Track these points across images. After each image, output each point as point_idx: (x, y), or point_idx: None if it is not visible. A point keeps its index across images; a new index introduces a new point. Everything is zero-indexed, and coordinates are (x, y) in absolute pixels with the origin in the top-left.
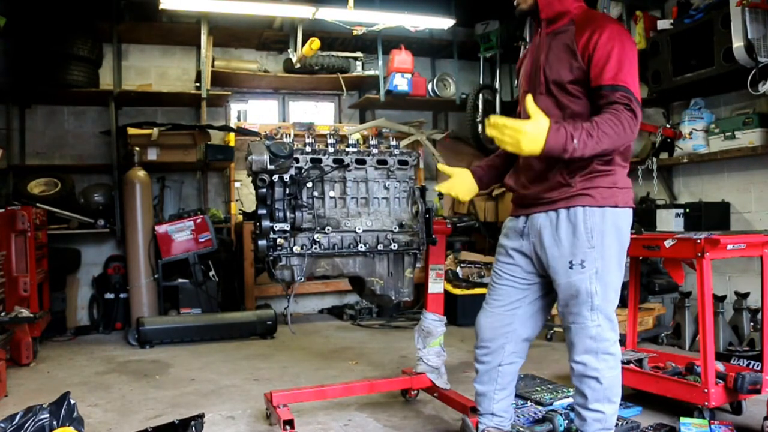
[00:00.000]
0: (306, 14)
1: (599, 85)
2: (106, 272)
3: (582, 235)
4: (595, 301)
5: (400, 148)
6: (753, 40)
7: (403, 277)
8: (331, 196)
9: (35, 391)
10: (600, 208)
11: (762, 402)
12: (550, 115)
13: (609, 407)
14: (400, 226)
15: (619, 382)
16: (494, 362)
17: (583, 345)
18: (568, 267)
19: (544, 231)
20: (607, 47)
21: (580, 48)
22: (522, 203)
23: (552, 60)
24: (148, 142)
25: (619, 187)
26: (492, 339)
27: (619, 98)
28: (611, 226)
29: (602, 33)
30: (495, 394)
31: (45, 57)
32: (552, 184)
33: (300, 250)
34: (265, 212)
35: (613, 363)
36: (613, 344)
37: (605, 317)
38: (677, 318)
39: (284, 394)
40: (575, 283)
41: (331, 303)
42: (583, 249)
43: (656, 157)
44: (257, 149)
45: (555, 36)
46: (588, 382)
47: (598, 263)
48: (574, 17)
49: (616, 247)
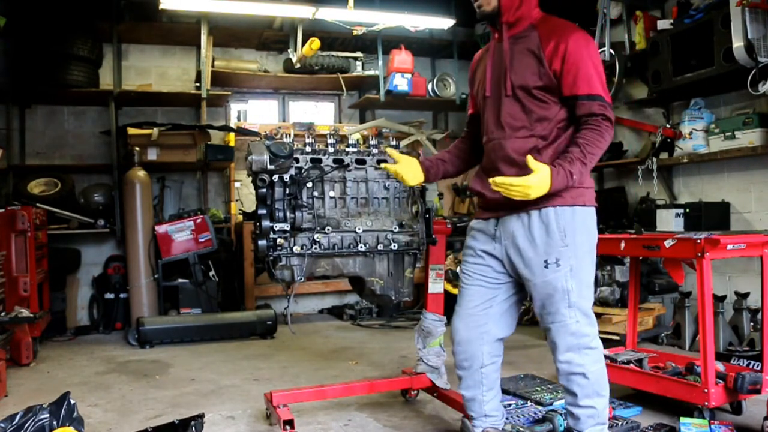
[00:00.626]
0: (306, 14)
1: (574, 95)
2: (106, 272)
3: (555, 234)
4: (571, 298)
5: (400, 148)
6: (753, 40)
7: (403, 277)
8: (331, 196)
9: (35, 391)
10: (570, 207)
11: (762, 402)
12: (517, 123)
13: (599, 401)
14: (400, 226)
15: (605, 375)
16: (475, 365)
17: (565, 343)
18: (544, 266)
19: (517, 233)
20: (577, 57)
21: (548, 56)
22: (491, 206)
23: (517, 65)
24: (148, 142)
25: (585, 186)
26: (468, 341)
27: (597, 109)
28: (581, 223)
29: (569, 42)
30: (483, 395)
31: (45, 57)
32: None
33: (300, 250)
34: (265, 212)
35: (596, 357)
36: (594, 339)
37: (582, 313)
38: (677, 318)
39: (284, 394)
40: (551, 281)
41: (331, 303)
42: (557, 248)
43: (656, 157)
44: (257, 149)
45: (517, 41)
46: (575, 379)
47: (572, 261)
48: (535, 22)
49: (587, 244)
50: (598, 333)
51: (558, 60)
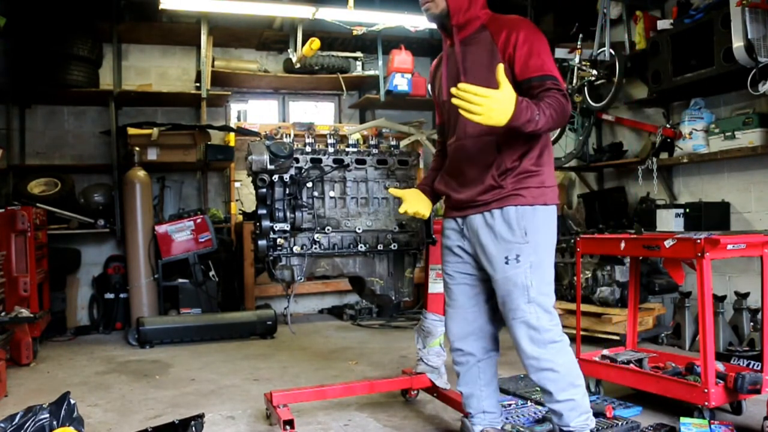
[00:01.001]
0: (306, 14)
1: (528, 78)
2: (106, 272)
3: (516, 232)
4: (531, 294)
5: (400, 148)
6: (753, 40)
7: (403, 277)
8: (331, 196)
9: (35, 391)
10: (531, 207)
11: (762, 402)
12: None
13: (576, 391)
14: (400, 226)
15: (575, 365)
16: (472, 361)
17: (529, 339)
18: (504, 263)
19: (481, 231)
20: (528, 42)
21: (501, 47)
22: (456, 206)
23: (472, 66)
24: (148, 142)
25: (547, 186)
26: (463, 339)
27: (551, 85)
28: (542, 222)
29: (519, 31)
30: (481, 391)
31: (45, 57)
32: (485, 187)
33: (300, 250)
34: (265, 212)
35: (561, 348)
36: (557, 333)
37: (543, 309)
38: (677, 318)
39: (284, 394)
40: (511, 277)
41: (331, 303)
42: (518, 244)
43: (656, 157)
44: (257, 149)
45: (469, 43)
46: (546, 374)
47: (533, 257)
48: (485, 22)
49: (548, 242)
50: (561, 328)
51: (510, 47)
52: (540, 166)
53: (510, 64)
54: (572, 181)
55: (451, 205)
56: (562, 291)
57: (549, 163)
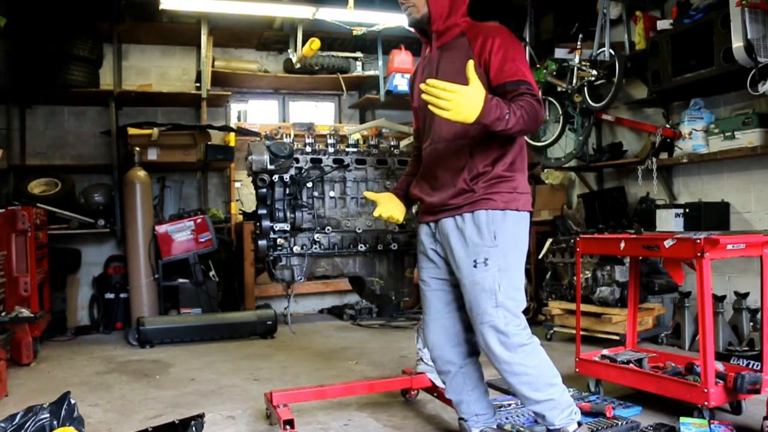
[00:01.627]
0: (306, 14)
1: (503, 83)
2: (106, 272)
3: (486, 235)
4: (498, 298)
5: (400, 148)
6: (753, 41)
7: (403, 277)
8: (331, 196)
9: (35, 391)
10: (502, 211)
11: (762, 402)
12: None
13: (553, 390)
14: (400, 226)
15: (548, 364)
16: (454, 369)
17: (498, 343)
18: (473, 266)
19: (451, 234)
20: (503, 49)
21: (477, 53)
22: (429, 210)
23: (448, 71)
24: (148, 142)
25: (520, 192)
26: (441, 346)
27: (525, 90)
28: (513, 227)
29: (495, 37)
30: (469, 396)
31: (45, 57)
32: (456, 191)
33: (300, 250)
34: (265, 212)
35: (531, 351)
36: (526, 336)
37: (511, 314)
38: (677, 318)
39: (284, 393)
40: (479, 280)
41: (331, 303)
42: (487, 248)
43: (656, 157)
44: (257, 149)
45: (447, 49)
46: (519, 378)
47: (501, 261)
48: (464, 29)
49: (518, 247)
50: (529, 330)
51: (486, 53)
52: (513, 172)
53: (485, 69)
54: (572, 181)
55: (424, 209)
56: (562, 291)
57: (522, 170)
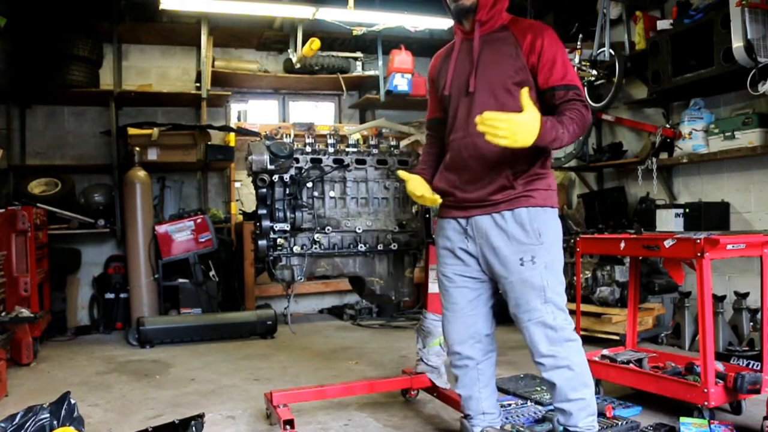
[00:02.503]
0: (306, 14)
1: (552, 86)
2: (106, 272)
3: (530, 233)
4: (547, 294)
5: (400, 148)
6: (752, 41)
7: (403, 277)
8: (331, 196)
9: (35, 391)
10: (542, 208)
11: (762, 402)
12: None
13: (587, 391)
14: (400, 226)
15: (587, 364)
16: (471, 364)
17: (546, 338)
18: (519, 264)
19: (491, 233)
20: (552, 50)
21: (525, 51)
22: (460, 206)
23: (490, 62)
24: (149, 142)
25: (552, 189)
26: (462, 342)
27: (574, 96)
28: (552, 223)
29: (544, 37)
30: (480, 392)
31: (45, 57)
32: (497, 187)
33: (300, 250)
34: (265, 212)
35: (577, 348)
36: (572, 332)
37: (558, 308)
38: (677, 318)
39: (284, 393)
40: (528, 278)
41: (331, 303)
42: (532, 246)
43: (656, 157)
44: (257, 149)
45: (489, 41)
46: (561, 372)
47: (547, 258)
48: (506, 23)
49: (557, 243)
50: (574, 326)
51: (534, 55)
52: (546, 168)
53: (533, 70)
54: (572, 181)
55: (452, 204)
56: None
57: (550, 167)
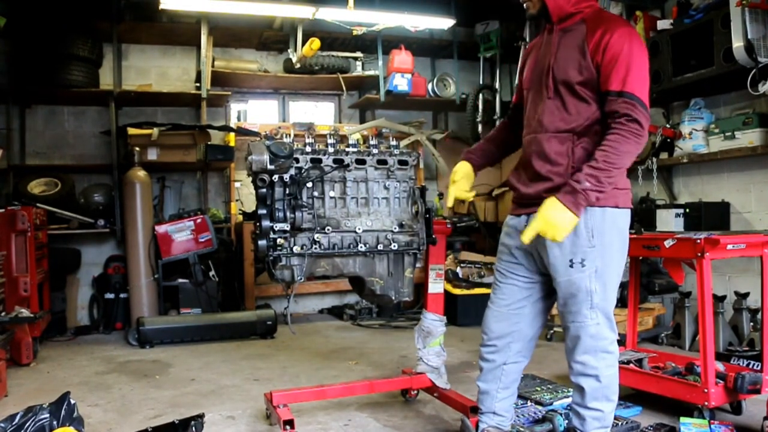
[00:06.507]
0: (306, 14)
1: (607, 90)
2: (106, 272)
3: (583, 234)
4: (594, 300)
5: (400, 148)
6: (753, 41)
7: (403, 277)
8: (331, 196)
9: (35, 391)
10: (600, 208)
11: (762, 402)
12: (555, 120)
13: (607, 405)
14: (400, 226)
15: (617, 380)
16: (499, 360)
17: (583, 344)
18: (569, 265)
19: None
20: (616, 49)
21: (591, 48)
22: (523, 202)
23: (561, 58)
24: (148, 142)
25: (619, 188)
26: (499, 337)
27: (621, 108)
28: (611, 225)
29: (613, 34)
30: (498, 392)
31: (45, 57)
32: (553, 184)
33: (300, 250)
34: (265, 212)
35: (611, 361)
36: (612, 343)
37: (604, 316)
38: (677, 318)
39: (284, 394)
40: (575, 281)
41: (331, 303)
42: (584, 248)
43: (656, 157)
44: (257, 149)
45: (565, 33)
46: (587, 380)
47: (598, 262)
48: (586, 17)
49: (616, 247)
50: (617, 337)
51: (599, 53)
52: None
53: (597, 70)
54: None
55: (518, 200)
56: None
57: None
